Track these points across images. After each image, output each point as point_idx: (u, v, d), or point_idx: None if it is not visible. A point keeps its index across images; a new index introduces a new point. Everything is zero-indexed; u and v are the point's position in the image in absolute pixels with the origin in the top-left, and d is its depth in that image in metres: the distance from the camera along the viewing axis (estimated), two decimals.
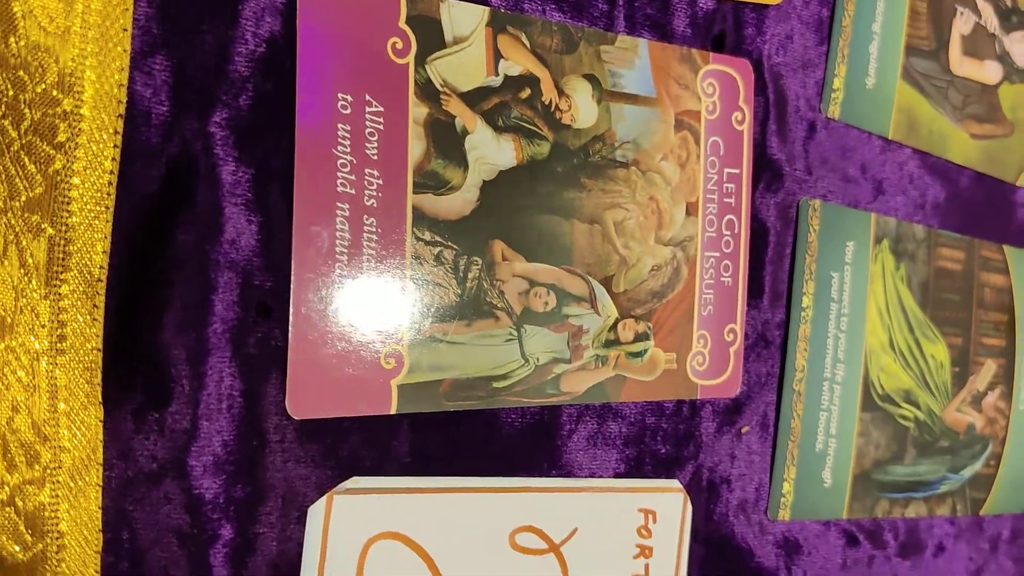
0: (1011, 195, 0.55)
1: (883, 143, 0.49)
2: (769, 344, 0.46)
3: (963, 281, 0.53)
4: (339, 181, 0.34)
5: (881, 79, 0.49)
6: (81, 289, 0.30)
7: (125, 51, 0.30)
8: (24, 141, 0.29)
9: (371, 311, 0.35)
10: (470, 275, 0.37)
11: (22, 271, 0.29)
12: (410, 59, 0.36)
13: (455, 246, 0.37)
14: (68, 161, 0.29)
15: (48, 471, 0.29)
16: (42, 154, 0.29)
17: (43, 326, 0.30)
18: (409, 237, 0.36)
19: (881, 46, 0.49)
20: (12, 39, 0.29)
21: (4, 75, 0.29)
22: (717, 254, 0.44)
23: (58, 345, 0.30)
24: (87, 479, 0.30)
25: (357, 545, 0.35)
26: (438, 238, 0.36)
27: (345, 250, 0.34)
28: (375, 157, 0.35)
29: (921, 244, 0.51)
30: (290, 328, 0.33)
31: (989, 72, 0.54)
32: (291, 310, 0.33)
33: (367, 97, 0.35)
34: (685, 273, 0.43)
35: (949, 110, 0.52)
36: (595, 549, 0.41)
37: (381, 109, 0.35)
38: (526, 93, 0.38)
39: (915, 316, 0.51)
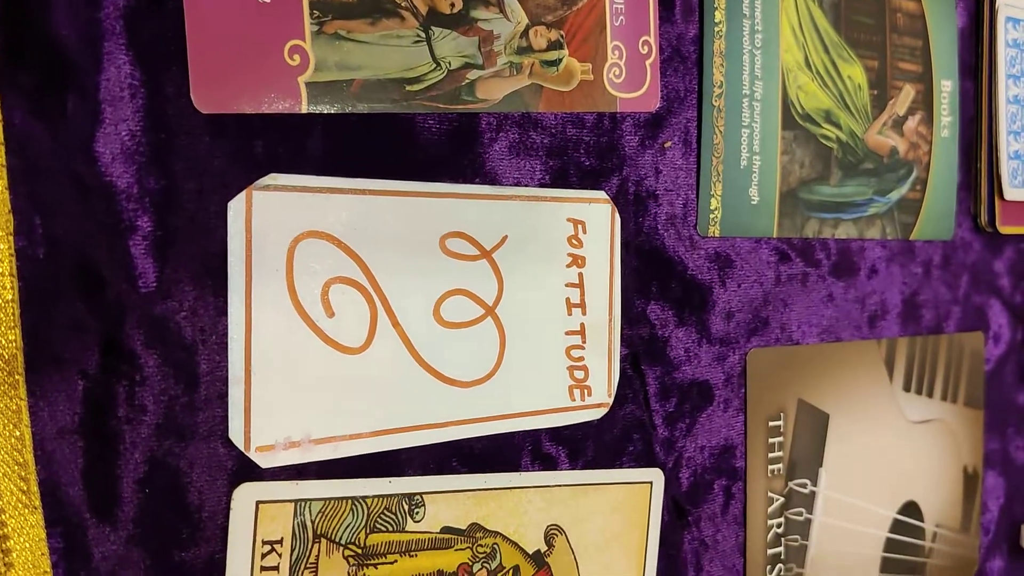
0: None
1: None
2: (685, 59, 0.46)
3: (875, 4, 0.53)
4: None
5: None
6: None
7: None
8: None
9: (267, 4, 0.34)
10: None
11: None
12: None
13: None
14: None
15: None
16: None
17: None
18: None
19: None
20: None
21: None
22: None
23: None
24: None
25: (283, 243, 0.35)
26: None
27: None
28: None
29: None
30: (186, 18, 0.33)
31: None
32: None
33: None
34: None
35: None
36: (527, 256, 0.41)
37: None
38: None
39: (829, 37, 0.51)
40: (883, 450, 0.56)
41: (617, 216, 0.44)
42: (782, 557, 0.51)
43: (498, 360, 0.41)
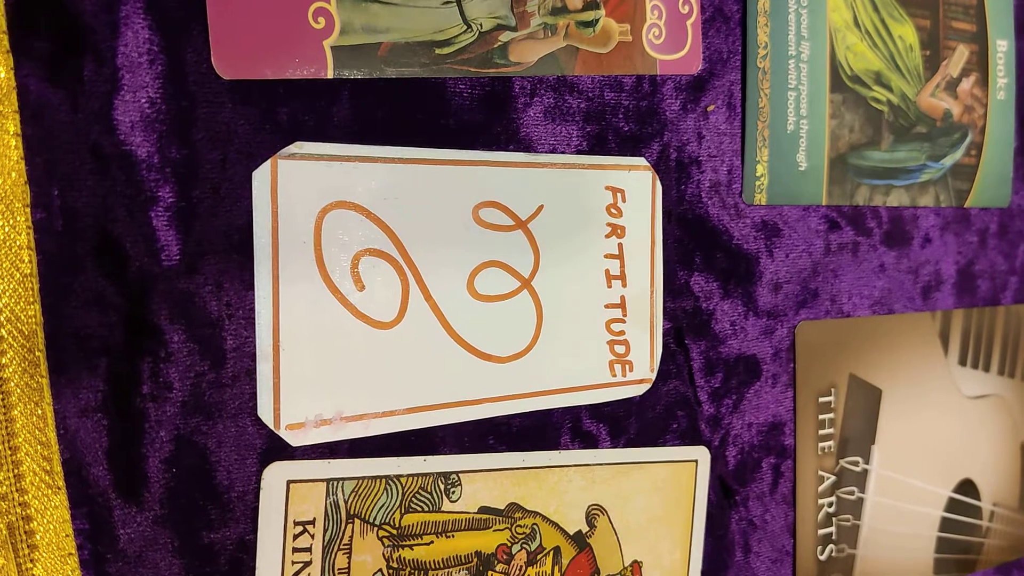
0: None
1: None
2: (728, 19, 0.44)
3: None
4: None
5: None
6: None
7: None
8: None
9: None
10: None
11: None
12: None
13: None
14: None
15: None
16: None
17: None
18: None
19: None
20: None
21: None
22: None
23: None
24: (5, 128, 0.28)
25: (310, 214, 0.34)
26: None
27: None
28: None
29: None
30: None
31: None
32: None
33: None
34: None
35: None
36: (564, 226, 0.40)
37: None
38: None
39: None
40: (938, 426, 0.53)
41: (658, 184, 0.42)
42: (833, 537, 0.50)
43: (535, 334, 0.39)
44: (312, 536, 0.34)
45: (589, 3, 0.40)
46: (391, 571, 0.36)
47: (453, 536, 0.37)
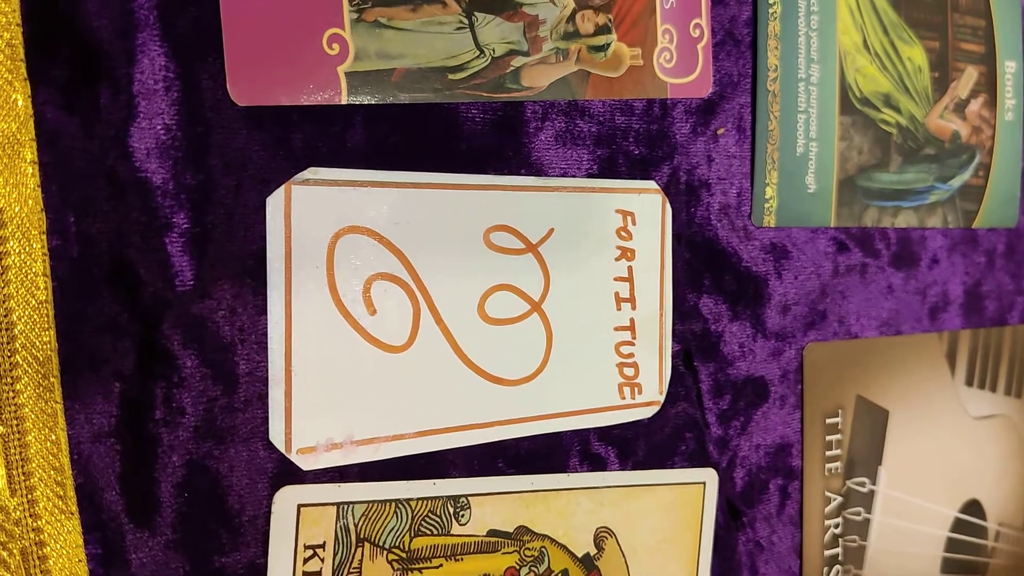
0: None
1: None
2: (738, 42, 0.44)
3: None
4: None
5: None
6: None
7: None
8: None
9: None
10: None
11: None
12: None
13: None
14: None
15: None
16: None
17: None
18: None
19: None
20: None
21: None
22: None
23: None
24: (22, 155, 0.28)
25: (323, 238, 0.34)
26: None
27: None
28: None
29: None
30: (221, 8, 0.32)
31: None
32: None
33: None
34: None
35: None
36: (574, 250, 0.40)
37: None
38: None
39: (888, 17, 0.49)
40: (945, 447, 0.53)
41: (668, 207, 0.42)
42: (840, 558, 0.50)
43: (545, 357, 0.39)
44: (322, 560, 0.34)
45: (601, 28, 0.40)
46: None
47: (462, 559, 0.37)
